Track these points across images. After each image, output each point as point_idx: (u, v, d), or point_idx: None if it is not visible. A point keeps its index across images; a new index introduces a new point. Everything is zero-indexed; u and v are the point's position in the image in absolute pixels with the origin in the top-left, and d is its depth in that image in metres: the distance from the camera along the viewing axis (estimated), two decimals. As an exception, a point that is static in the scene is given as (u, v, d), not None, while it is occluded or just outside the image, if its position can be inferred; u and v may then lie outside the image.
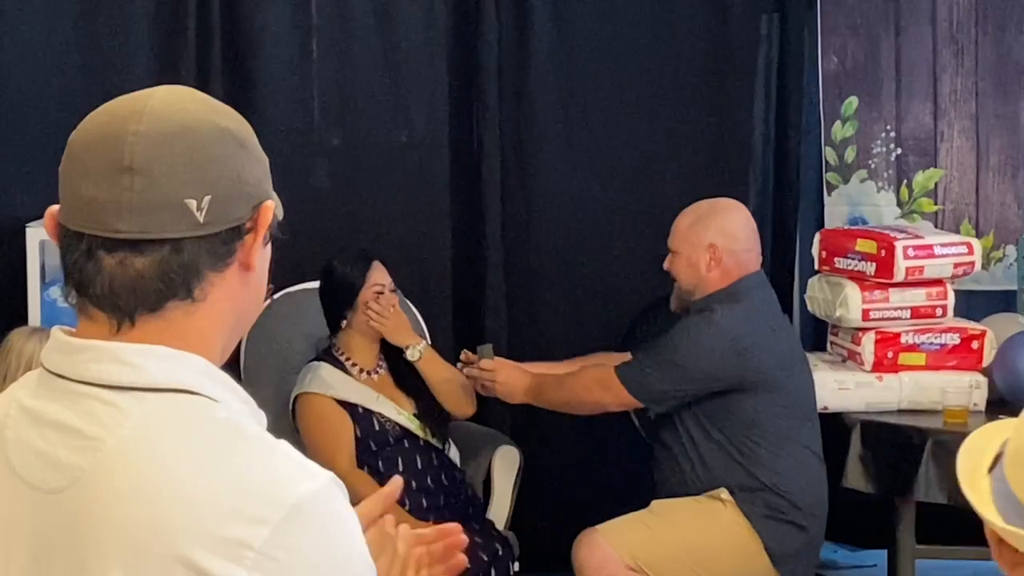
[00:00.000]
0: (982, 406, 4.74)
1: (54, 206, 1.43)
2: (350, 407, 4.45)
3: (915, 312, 4.89)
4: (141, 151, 1.38)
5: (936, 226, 5.50)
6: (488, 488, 4.67)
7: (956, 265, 4.92)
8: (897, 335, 4.87)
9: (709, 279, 4.27)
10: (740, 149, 5.53)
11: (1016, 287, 5.37)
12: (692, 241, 4.29)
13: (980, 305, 5.36)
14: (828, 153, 5.58)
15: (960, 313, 5.06)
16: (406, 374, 4.53)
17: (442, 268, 5.34)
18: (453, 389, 4.54)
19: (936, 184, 5.59)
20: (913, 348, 4.87)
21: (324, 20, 5.22)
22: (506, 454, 4.71)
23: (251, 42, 5.12)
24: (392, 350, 4.54)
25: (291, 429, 4.41)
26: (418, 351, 4.51)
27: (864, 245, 4.91)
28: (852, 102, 5.57)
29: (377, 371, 4.55)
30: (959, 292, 5.06)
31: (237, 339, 1.50)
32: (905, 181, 5.59)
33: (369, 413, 4.46)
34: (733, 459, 4.21)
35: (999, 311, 5.29)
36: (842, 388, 4.80)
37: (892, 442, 4.62)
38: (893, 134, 5.58)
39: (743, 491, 4.20)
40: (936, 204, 5.59)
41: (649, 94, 5.43)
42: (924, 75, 5.57)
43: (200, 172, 1.39)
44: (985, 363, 4.86)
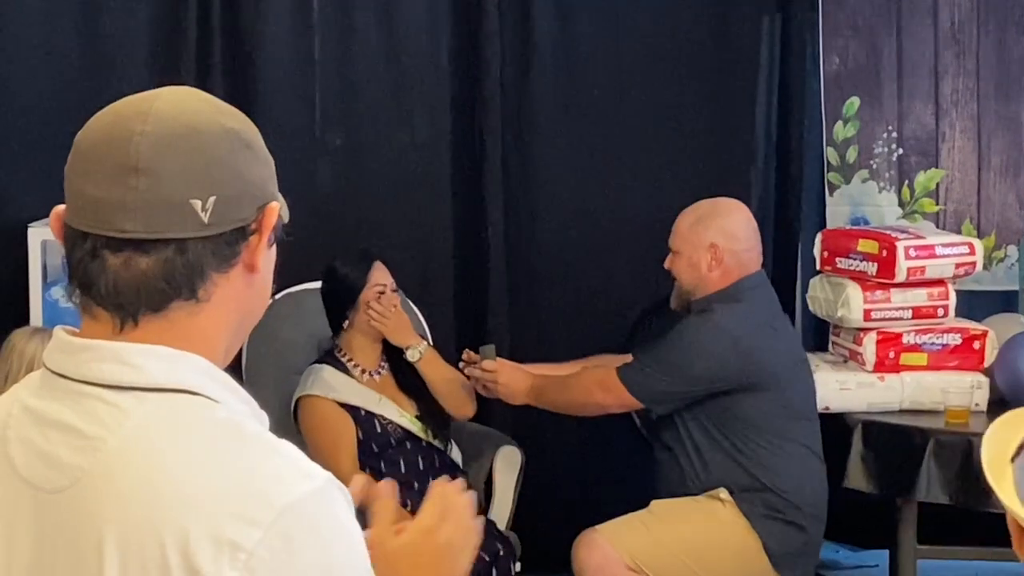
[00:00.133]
0: (983, 406, 4.73)
1: (60, 206, 1.43)
2: (352, 410, 4.44)
3: (917, 312, 4.89)
4: (147, 151, 1.38)
5: (937, 226, 5.50)
6: (490, 488, 4.67)
7: (957, 265, 4.92)
8: (899, 335, 4.86)
9: (710, 279, 4.27)
10: (742, 149, 5.53)
11: (1018, 287, 5.37)
12: (693, 241, 4.29)
13: (982, 305, 5.36)
14: (830, 153, 5.58)
15: (962, 313, 5.06)
16: (408, 375, 4.52)
17: (444, 268, 5.33)
18: (454, 390, 4.53)
19: (937, 184, 5.59)
20: (915, 348, 4.87)
21: (325, 20, 5.21)
22: (508, 454, 4.70)
23: (252, 43, 5.10)
24: (394, 351, 4.54)
25: (293, 431, 4.40)
26: (419, 352, 4.50)
27: (866, 245, 4.90)
28: (854, 102, 5.57)
29: (379, 372, 4.54)
30: (960, 292, 5.06)
31: (241, 340, 1.50)
32: (906, 181, 5.59)
33: (371, 415, 4.45)
34: (733, 459, 4.21)
35: (1000, 311, 5.29)
36: (844, 388, 4.80)
37: (894, 442, 4.62)
38: (895, 134, 5.58)
39: (743, 491, 4.20)
40: (937, 204, 5.59)
41: (651, 95, 5.42)
42: (925, 75, 5.57)
43: (205, 173, 1.39)
44: (987, 363, 4.86)
